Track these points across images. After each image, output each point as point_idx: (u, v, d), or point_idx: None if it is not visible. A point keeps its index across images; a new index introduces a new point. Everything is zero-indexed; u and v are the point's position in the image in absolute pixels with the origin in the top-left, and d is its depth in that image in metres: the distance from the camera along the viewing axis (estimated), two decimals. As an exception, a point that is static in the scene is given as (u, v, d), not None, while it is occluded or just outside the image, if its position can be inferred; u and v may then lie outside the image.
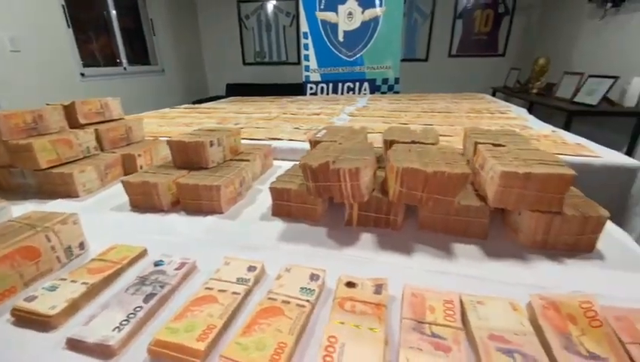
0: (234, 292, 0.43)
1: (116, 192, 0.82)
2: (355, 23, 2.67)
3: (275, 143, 1.06)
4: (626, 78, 2.37)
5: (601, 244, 0.53)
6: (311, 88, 2.92)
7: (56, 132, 0.88)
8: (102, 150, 0.94)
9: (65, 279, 0.46)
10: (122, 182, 0.71)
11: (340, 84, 2.85)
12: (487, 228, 0.57)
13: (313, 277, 0.45)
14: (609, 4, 2.68)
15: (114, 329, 0.37)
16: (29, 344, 0.38)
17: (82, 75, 3.18)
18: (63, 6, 2.94)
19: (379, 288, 0.43)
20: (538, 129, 1.20)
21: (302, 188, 0.64)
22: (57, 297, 0.42)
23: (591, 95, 2.47)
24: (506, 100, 2.39)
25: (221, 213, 0.69)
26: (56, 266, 0.51)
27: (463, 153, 0.79)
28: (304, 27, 2.76)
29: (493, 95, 4.29)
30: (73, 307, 0.42)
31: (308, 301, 0.41)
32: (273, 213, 0.68)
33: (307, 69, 2.88)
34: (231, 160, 0.83)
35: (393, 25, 2.63)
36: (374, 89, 2.82)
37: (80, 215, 0.56)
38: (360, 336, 0.35)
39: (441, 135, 1.09)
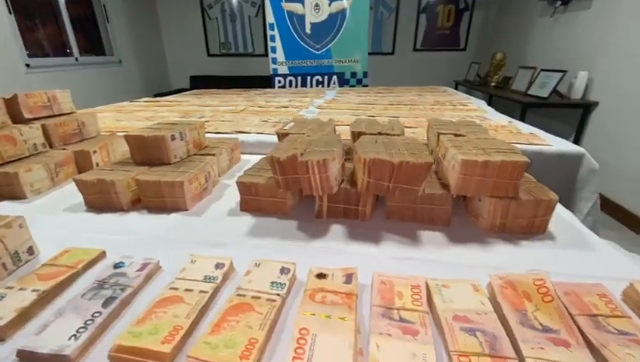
0: (201, 291, 0.41)
1: (69, 192, 0.76)
2: (322, 15, 2.65)
3: (242, 137, 1.04)
4: (573, 72, 2.56)
5: (552, 226, 0.58)
6: (279, 81, 2.88)
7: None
8: (51, 147, 0.87)
9: (12, 287, 0.42)
10: (75, 180, 0.66)
11: (308, 78, 2.83)
12: (450, 215, 0.60)
13: (284, 270, 0.45)
14: (558, 3, 2.87)
15: (70, 338, 0.35)
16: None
17: (27, 65, 2.90)
18: (1, -11, 2.66)
19: (349, 278, 0.44)
20: (496, 120, 1.26)
21: (270, 182, 0.63)
22: (4, 307, 0.39)
23: (543, 88, 2.64)
24: (467, 93, 2.51)
25: (186, 209, 0.66)
26: (2, 274, 0.46)
27: (427, 143, 0.81)
28: (270, 18, 2.70)
29: (456, 88, 4.48)
30: (23, 317, 0.38)
31: (278, 295, 0.41)
32: (241, 208, 0.66)
33: (274, 61, 2.83)
34: (195, 154, 0.80)
35: (360, 18, 2.65)
36: (343, 82, 2.83)
37: (28, 217, 0.51)
38: (330, 326, 0.35)
39: (406, 126, 1.12)
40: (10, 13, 2.76)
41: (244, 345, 0.33)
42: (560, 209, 0.64)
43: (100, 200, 0.67)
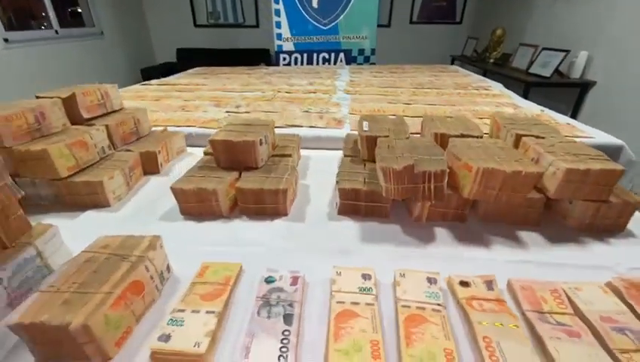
0: (367, 304, 0.45)
1: (148, 198, 0.76)
2: (330, -12, 2.54)
3: (296, 131, 1.03)
4: (575, 51, 2.63)
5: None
6: (284, 59, 2.78)
7: (60, 131, 0.76)
8: (114, 148, 0.84)
9: (184, 310, 0.44)
10: (173, 189, 0.66)
11: (315, 55, 2.75)
12: (541, 216, 0.65)
13: (431, 280, 0.49)
14: (561, -21, 2.87)
15: (279, 358, 0.38)
16: (187, 384, 0.37)
17: (6, 40, 2.64)
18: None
19: (489, 284, 0.48)
20: (529, 108, 1.31)
21: (371, 188, 0.65)
22: (192, 331, 0.41)
23: (545, 67, 2.71)
24: (464, 68, 2.53)
25: (286, 215, 0.68)
26: (156, 296, 0.48)
27: (493, 137, 0.85)
28: (274, -10, 2.56)
29: (452, 63, 4.49)
30: (213, 339, 0.41)
31: (440, 304, 0.45)
32: (340, 211, 0.69)
33: (279, 37, 2.72)
34: (274, 155, 0.80)
35: (370, -8, 2.56)
36: (350, 60, 2.78)
37: (128, 230, 0.52)
38: (508, 334, 0.40)
39: (448, 116, 1.15)
40: (-20, -20, 2.46)
41: (443, 356, 0.38)
42: (627, 205, 0.71)
43: (197, 208, 0.67)
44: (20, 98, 0.77)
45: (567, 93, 2.78)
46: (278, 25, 2.67)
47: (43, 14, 3.07)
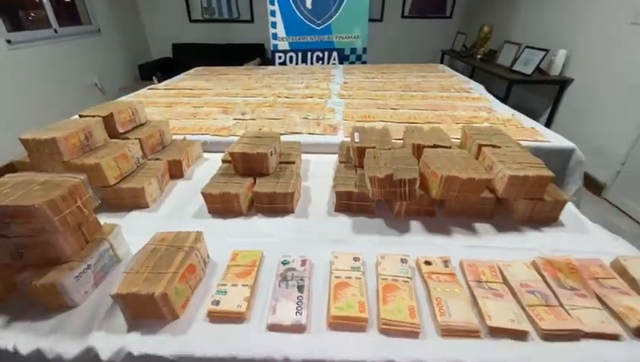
0: (357, 278, 0.62)
1: (178, 199, 0.92)
2: (323, -10, 2.66)
3: (297, 138, 1.19)
4: (554, 50, 2.80)
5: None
6: (280, 57, 2.91)
7: (103, 145, 0.91)
8: (145, 157, 1.00)
9: (225, 284, 0.61)
10: (203, 194, 0.82)
11: (309, 54, 2.88)
12: (493, 211, 0.83)
13: (403, 261, 0.66)
14: (543, -21, 3.01)
15: (296, 313, 0.55)
16: (233, 333, 0.54)
17: (8, 42, 2.72)
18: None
19: (446, 263, 0.66)
20: (501, 113, 1.49)
21: (361, 190, 0.82)
22: (234, 298, 0.58)
23: (527, 65, 2.88)
24: (452, 64, 2.66)
25: (293, 212, 0.85)
26: (202, 275, 0.65)
27: (463, 147, 1.02)
28: (270, -8, 2.67)
29: (442, 57, 4.63)
30: (249, 303, 0.58)
31: (409, 278, 0.63)
32: (336, 209, 0.86)
33: (275, 37, 2.84)
34: (280, 163, 0.97)
35: (361, -6, 2.68)
36: (343, 58, 2.91)
37: (166, 227, 0.69)
38: (453, 296, 0.58)
39: (429, 122, 1.32)
40: (-18, -17, 2.52)
41: (408, 310, 0.56)
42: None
43: (222, 208, 0.84)
44: (24, 97, 0.90)
45: (547, 88, 2.96)
46: (274, 25, 2.79)
47: (42, 14, 3.12)
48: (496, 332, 0.54)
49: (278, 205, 0.84)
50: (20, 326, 0.56)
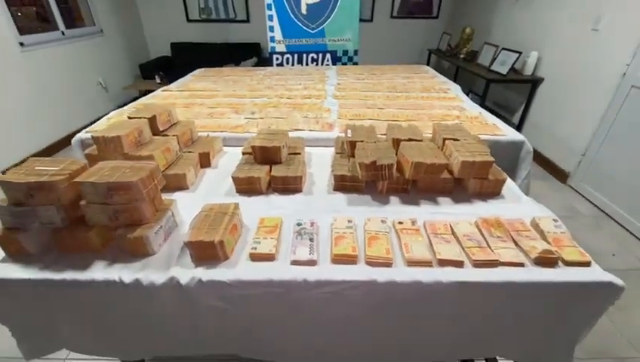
0: (350, 233, 0.89)
1: (210, 182, 1.17)
2: (317, -3, 2.89)
3: (300, 134, 1.45)
4: (527, 51, 3.09)
5: (503, 191, 1.10)
6: (277, 59, 3.14)
7: (149, 141, 1.15)
8: (180, 151, 1.24)
9: (259, 238, 0.87)
10: (233, 177, 1.08)
11: (304, 55, 3.11)
12: (453, 188, 1.10)
13: (383, 221, 0.93)
14: (518, -14, 3.29)
15: (309, 254, 0.82)
16: (269, 268, 0.80)
17: (21, 44, 2.90)
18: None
19: (414, 223, 0.93)
20: (470, 110, 1.76)
21: (352, 174, 1.09)
22: (266, 245, 0.84)
23: (503, 65, 3.17)
24: (439, 62, 2.91)
25: (301, 191, 1.11)
26: (241, 233, 0.91)
27: (433, 140, 1.29)
28: (268, -2, 2.89)
29: (429, 57, 4.89)
30: (277, 249, 0.84)
31: (387, 232, 0.89)
32: (334, 188, 1.12)
33: (272, 40, 3.07)
34: (289, 153, 1.22)
35: (352, 0, 2.92)
36: (336, 60, 3.16)
37: (204, 201, 0.94)
38: (416, 242, 0.85)
39: (409, 119, 1.59)
40: (-3, -10, 2.69)
41: (385, 250, 0.82)
42: (508, 180, 1.17)
43: (246, 188, 1.09)
44: (36, 96, 1.08)
45: (522, 86, 3.26)
46: (272, 29, 3.01)
47: (50, 17, 3.29)
48: (444, 263, 0.81)
49: (290, 186, 1.10)
50: (119, 266, 0.81)
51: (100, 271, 0.80)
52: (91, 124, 1.63)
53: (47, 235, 0.86)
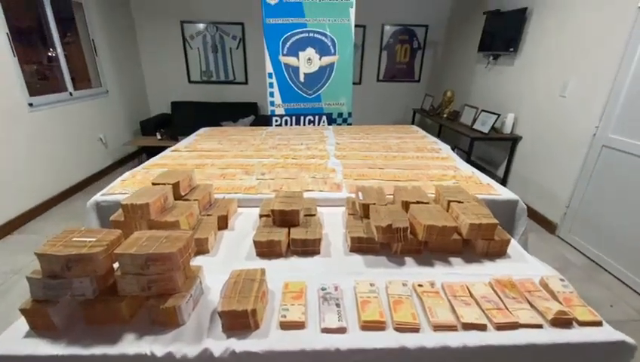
0: (374, 297, 0.92)
1: (229, 245, 1.20)
2: (314, 67, 3.19)
3: (311, 194, 1.53)
4: (504, 113, 3.42)
5: (508, 250, 1.18)
6: (276, 120, 3.35)
7: (172, 206, 1.20)
8: (200, 214, 1.29)
9: (287, 304, 0.89)
10: (255, 241, 1.12)
11: (302, 117, 3.34)
12: (461, 248, 1.17)
13: (404, 284, 0.97)
14: (490, 57, 3.75)
15: (339, 321, 0.84)
16: (299, 336, 0.82)
17: (30, 105, 3.00)
18: (7, 34, 2.77)
19: (433, 285, 0.98)
20: (464, 170, 1.91)
21: (368, 235, 1.15)
22: (295, 312, 0.86)
23: (484, 125, 3.46)
24: (422, 120, 3.13)
25: (319, 253, 1.15)
26: (268, 300, 0.93)
27: (437, 202, 1.38)
28: (269, 68, 3.17)
29: (413, 116, 5.28)
30: (305, 316, 0.86)
31: (409, 296, 0.93)
32: (351, 250, 1.17)
33: (272, 104, 3.30)
34: (305, 215, 1.29)
35: (345, 70, 3.24)
36: (331, 121, 3.39)
37: (226, 266, 0.97)
38: (439, 305, 0.89)
39: (410, 179, 1.70)
40: (14, 55, 2.86)
41: (411, 315, 0.86)
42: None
43: (267, 251, 1.13)
44: (40, 153, 1.14)
45: (503, 143, 3.53)
46: (272, 94, 3.26)
47: (61, 79, 3.46)
48: (467, 327, 0.84)
49: (309, 248, 1.14)
50: (149, 339, 0.81)
51: (130, 345, 0.79)
52: (90, 178, 1.67)
53: (72, 308, 0.86)
